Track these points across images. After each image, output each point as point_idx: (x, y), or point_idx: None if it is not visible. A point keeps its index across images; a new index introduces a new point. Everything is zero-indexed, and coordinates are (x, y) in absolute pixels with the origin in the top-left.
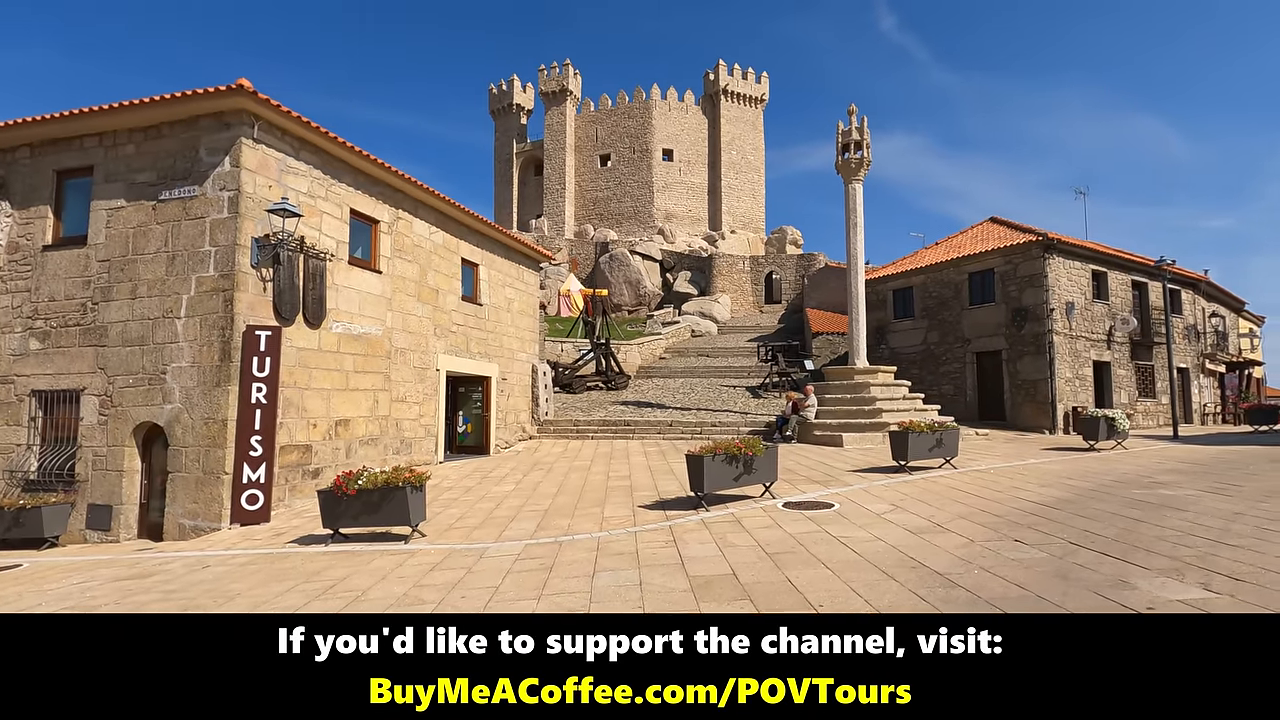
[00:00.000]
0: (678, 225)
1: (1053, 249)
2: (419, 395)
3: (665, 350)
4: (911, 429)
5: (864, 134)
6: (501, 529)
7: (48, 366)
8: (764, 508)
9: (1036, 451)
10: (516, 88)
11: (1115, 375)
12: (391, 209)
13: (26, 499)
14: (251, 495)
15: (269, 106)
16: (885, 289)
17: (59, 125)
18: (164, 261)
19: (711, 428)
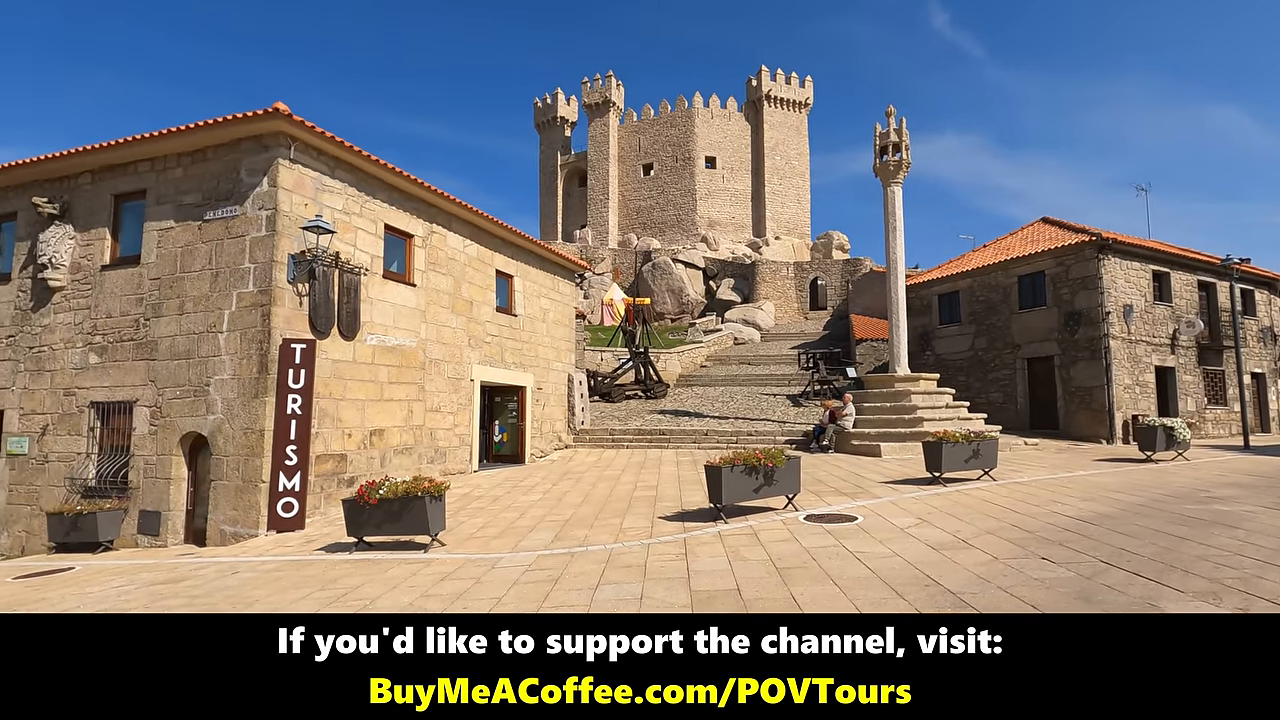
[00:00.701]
0: (721, 232)
1: (1108, 249)
2: (453, 405)
3: (706, 358)
4: (945, 438)
5: (903, 135)
6: (519, 539)
7: (105, 379)
8: (784, 520)
9: (1088, 463)
10: (560, 101)
11: (1180, 381)
12: (425, 223)
13: (84, 505)
14: (287, 503)
15: (304, 128)
16: (930, 294)
17: (115, 152)
18: (208, 278)
19: (748, 437)
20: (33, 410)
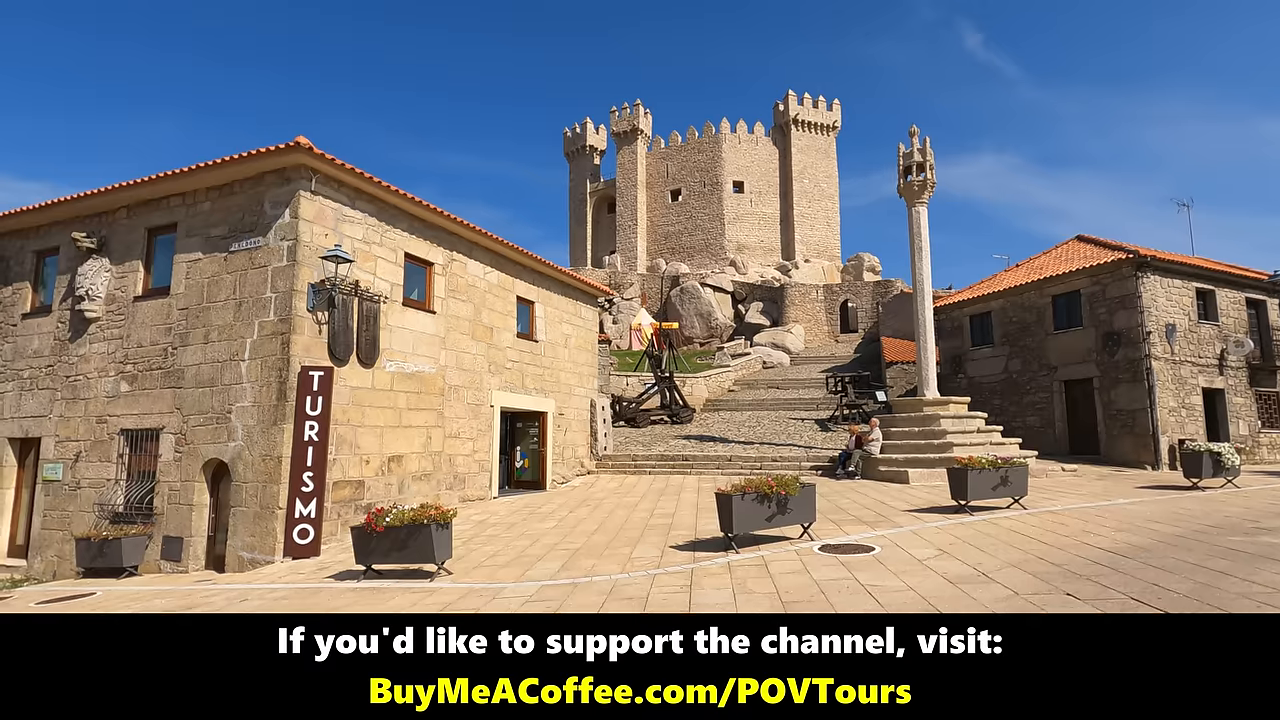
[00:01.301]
0: (750, 256)
1: (1146, 267)
2: (473, 431)
3: (734, 382)
4: (971, 465)
5: (926, 155)
6: (526, 568)
7: (135, 407)
8: (798, 550)
9: (1129, 490)
10: (589, 129)
11: (1231, 404)
12: (446, 251)
13: (110, 531)
14: (303, 530)
15: (324, 160)
16: (961, 315)
17: (150, 187)
18: (232, 308)
19: (773, 463)
20: (67, 438)
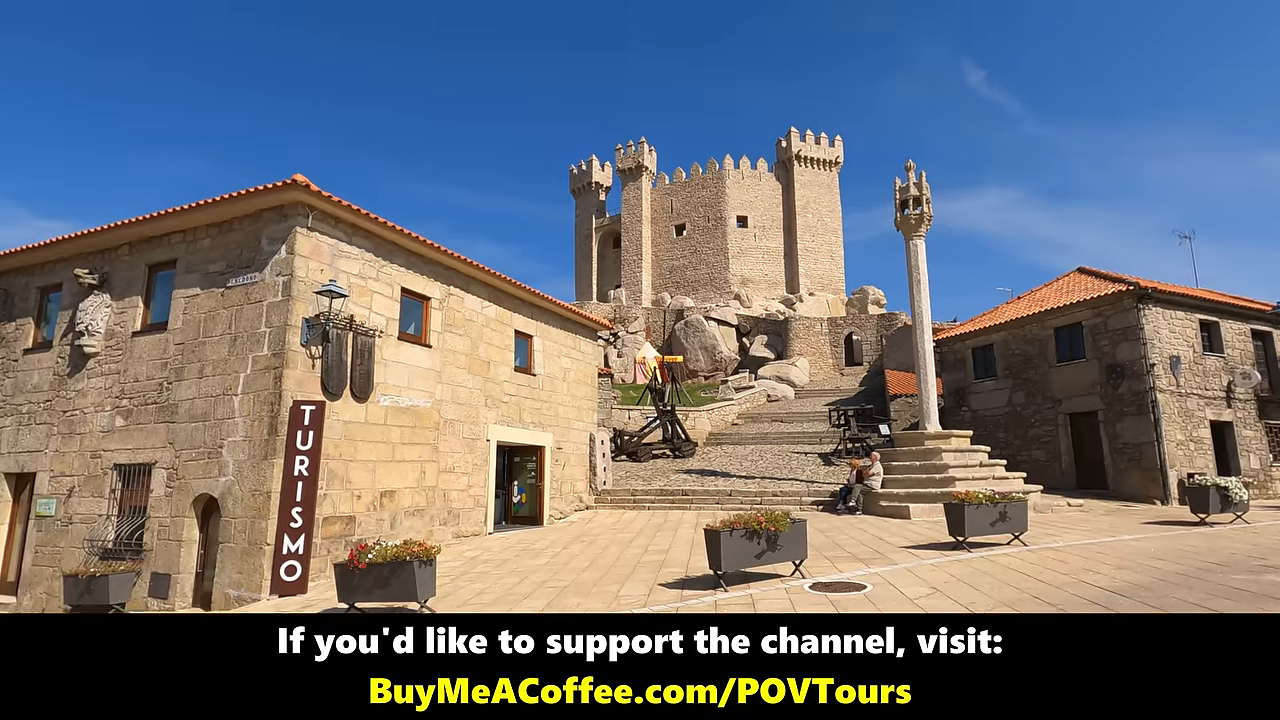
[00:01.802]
0: (754, 289)
1: (1147, 298)
2: (468, 465)
3: (738, 416)
4: (968, 500)
5: (923, 189)
6: (511, 607)
7: (129, 442)
8: (788, 588)
9: (1135, 526)
10: (595, 166)
11: (1240, 437)
12: (443, 286)
13: (98, 567)
14: (290, 566)
15: (321, 197)
16: (963, 348)
17: (151, 224)
18: (227, 343)
19: (773, 498)
20: (62, 472)
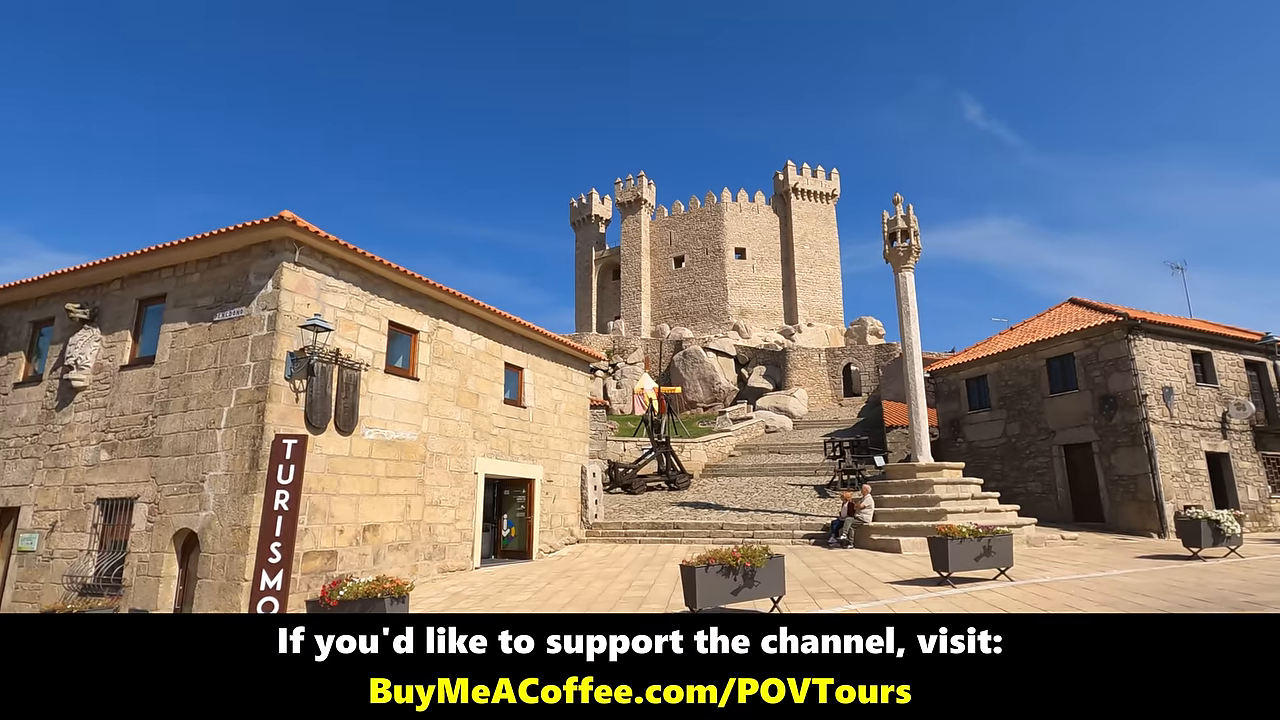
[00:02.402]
0: (753, 320)
1: (1137, 329)
2: (455, 499)
3: (735, 447)
4: (951, 534)
5: (910, 221)
6: None
7: (112, 476)
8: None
9: (1127, 560)
10: (595, 199)
11: (1237, 468)
12: (431, 319)
13: (75, 604)
14: (267, 603)
15: (308, 233)
16: (958, 379)
17: (142, 260)
18: (212, 376)
19: (765, 531)
20: (45, 507)
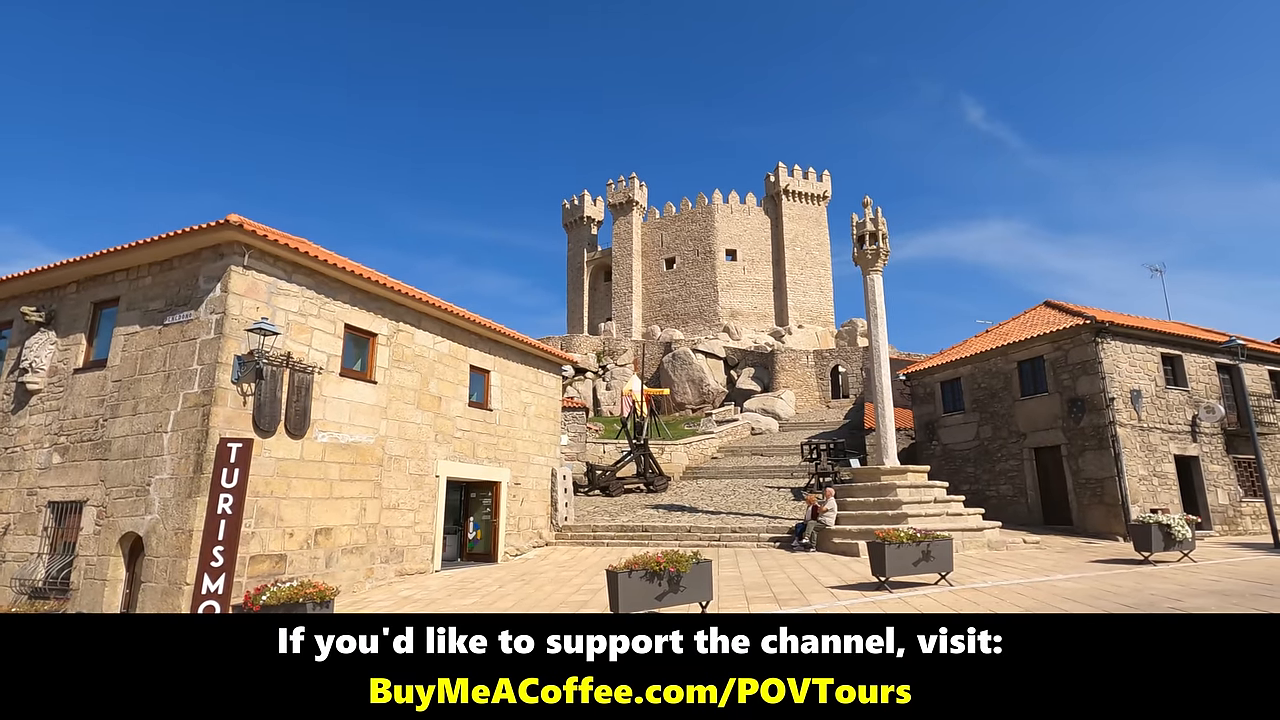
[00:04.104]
0: (743, 322)
1: (1105, 332)
2: (414, 502)
3: (718, 449)
4: (888, 540)
5: (879, 225)
6: None
7: (63, 479)
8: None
9: (1080, 564)
10: (587, 201)
11: (1207, 471)
12: (391, 322)
13: (22, 607)
14: (209, 607)
15: (256, 236)
16: (932, 381)
17: (97, 263)
18: (161, 380)
19: (732, 534)
20: None
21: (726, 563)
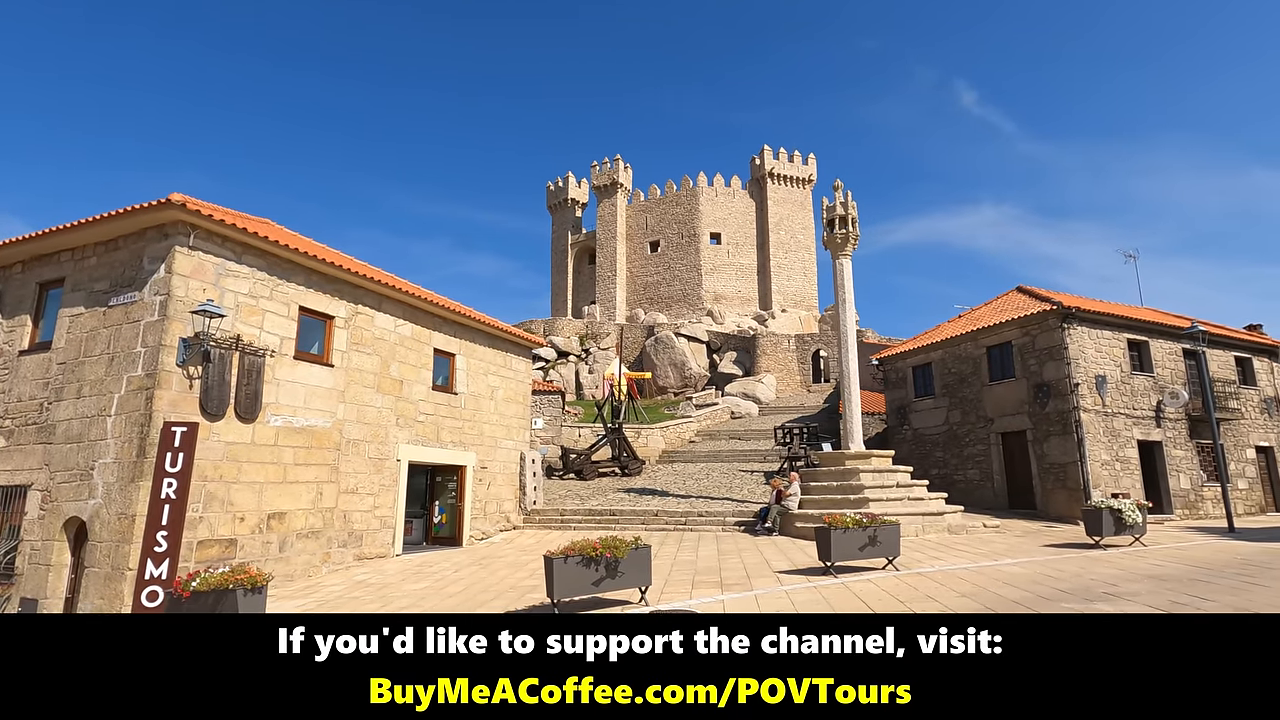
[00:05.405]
0: (727, 306)
1: (1072, 318)
2: (374, 486)
3: (696, 433)
4: (834, 524)
5: (849, 209)
6: None
7: (7, 463)
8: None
9: (1032, 549)
10: (571, 183)
11: (1170, 456)
12: (350, 304)
13: None
14: (152, 592)
15: (201, 216)
16: (905, 366)
17: (41, 242)
18: (105, 363)
19: (698, 518)
20: None
21: (687, 546)
